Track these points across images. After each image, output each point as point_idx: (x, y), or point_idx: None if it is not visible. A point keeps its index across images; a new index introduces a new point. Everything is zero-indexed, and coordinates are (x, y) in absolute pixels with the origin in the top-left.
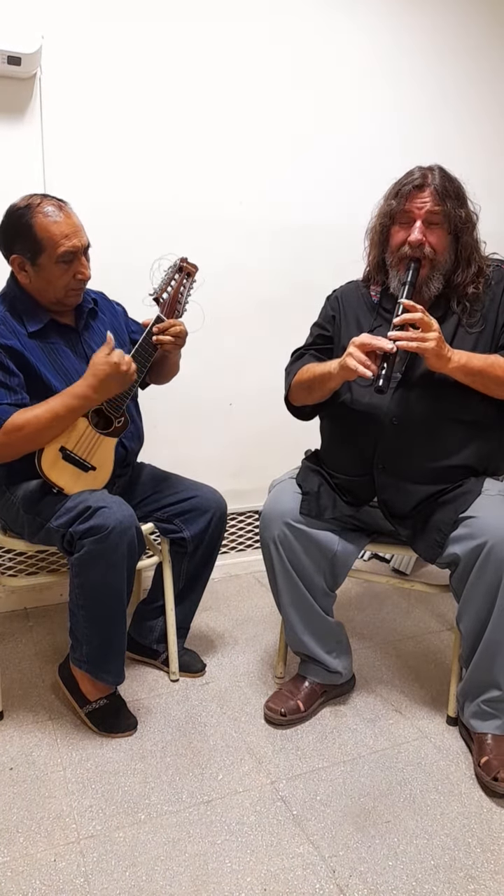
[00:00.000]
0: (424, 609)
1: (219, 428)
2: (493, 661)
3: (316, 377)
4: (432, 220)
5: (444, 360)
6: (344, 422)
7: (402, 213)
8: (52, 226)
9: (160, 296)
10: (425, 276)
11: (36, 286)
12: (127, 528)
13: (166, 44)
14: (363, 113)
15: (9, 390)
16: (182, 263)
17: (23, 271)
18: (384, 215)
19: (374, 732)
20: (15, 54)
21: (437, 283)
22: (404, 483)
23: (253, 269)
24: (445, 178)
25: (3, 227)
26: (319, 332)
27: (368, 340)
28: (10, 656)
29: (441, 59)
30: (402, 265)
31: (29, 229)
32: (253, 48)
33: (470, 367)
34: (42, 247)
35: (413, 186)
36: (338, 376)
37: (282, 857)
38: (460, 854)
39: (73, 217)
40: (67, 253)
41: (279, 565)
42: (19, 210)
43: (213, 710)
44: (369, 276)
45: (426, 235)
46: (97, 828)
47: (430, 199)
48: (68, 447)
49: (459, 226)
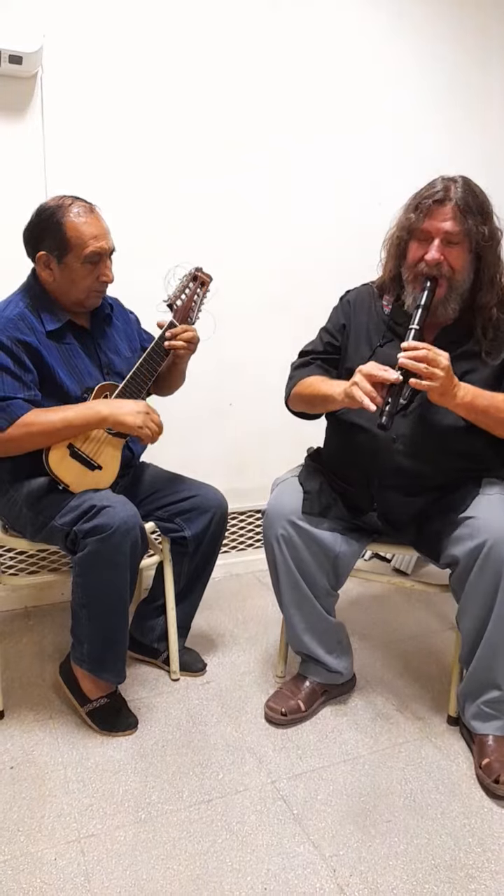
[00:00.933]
0: (425, 609)
1: (219, 427)
2: (494, 661)
3: (318, 396)
4: (452, 239)
5: (450, 396)
6: (346, 435)
7: (420, 230)
8: (81, 226)
9: (174, 302)
10: (442, 297)
11: (59, 285)
12: (131, 527)
13: (167, 42)
14: (367, 113)
15: (23, 385)
16: (197, 273)
17: (47, 269)
18: (402, 229)
19: (374, 732)
20: (16, 53)
21: (455, 304)
22: (402, 497)
23: (254, 268)
24: (469, 193)
25: (33, 224)
26: (329, 339)
27: (376, 372)
28: (11, 655)
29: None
30: (419, 283)
31: (59, 227)
32: (255, 46)
33: (475, 405)
34: (70, 246)
35: (433, 201)
36: (340, 403)
37: (282, 857)
38: (461, 854)
39: (102, 220)
40: (94, 254)
41: (282, 563)
42: (50, 209)
43: (213, 709)
44: (384, 286)
45: (445, 254)
46: (98, 826)
47: (450, 216)
48: (76, 445)
49: (482, 244)
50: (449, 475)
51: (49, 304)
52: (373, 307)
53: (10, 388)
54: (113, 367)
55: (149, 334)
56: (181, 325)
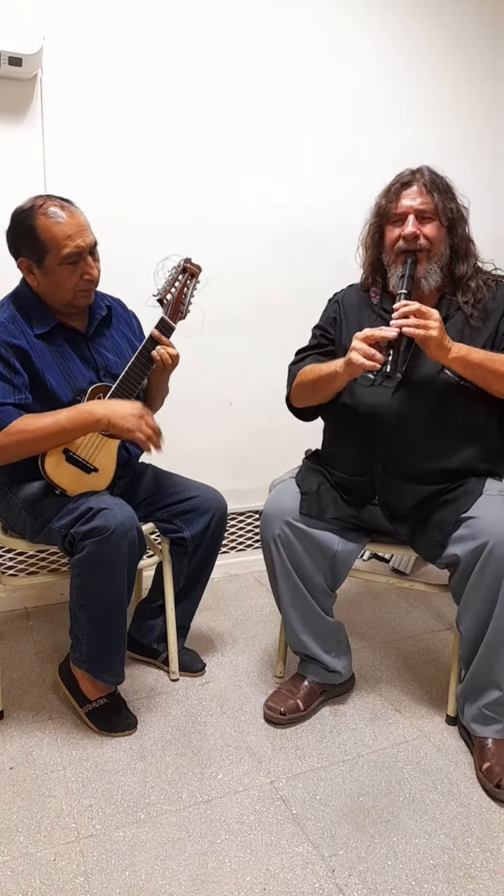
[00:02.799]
0: (424, 609)
1: (219, 428)
2: (494, 662)
3: (322, 377)
4: (424, 213)
5: (445, 350)
6: (345, 422)
7: (394, 210)
8: (54, 227)
9: (164, 297)
10: (423, 269)
11: (44, 288)
12: (128, 529)
13: (167, 44)
14: (364, 115)
15: (14, 389)
16: (186, 264)
17: (31, 274)
18: (376, 215)
19: (373, 732)
20: (16, 55)
21: (436, 276)
22: (404, 483)
23: (252, 269)
24: (433, 174)
25: (10, 229)
26: (321, 333)
27: (371, 332)
28: (10, 656)
29: (442, 60)
30: (400, 260)
31: (32, 231)
32: (253, 49)
33: (469, 359)
34: (46, 248)
35: (402, 184)
36: (344, 374)
37: (281, 857)
38: (459, 853)
39: (78, 216)
40: (72, 254)
41: (279, 565)
42: (23, 212)
43: (212, 709)
44: (366, 281)
45: (420, 228)
46: (97, 827)
47: (419, 194)
48: (72, 449)
49: (452, 218)
50: (452, 455)
51: (37, 308)
52: (361, 300)
53: (2, 393)
54: (110, 369)
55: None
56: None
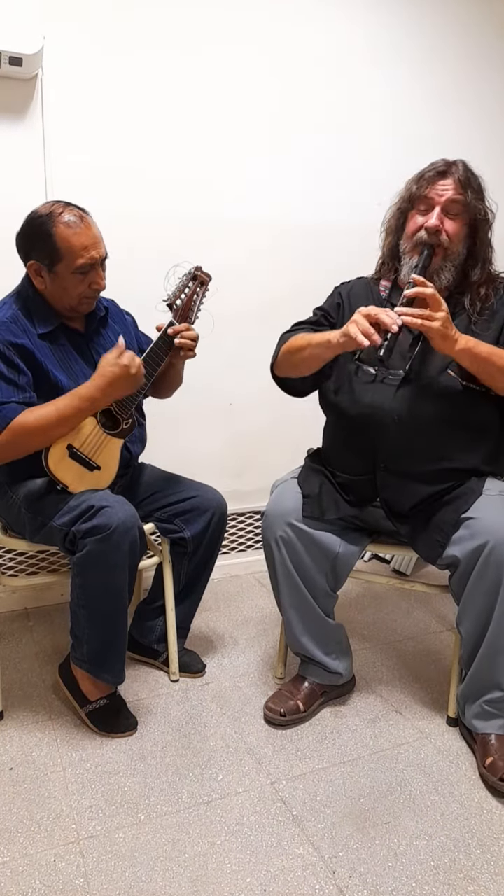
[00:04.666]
0: (424, 610)
1: (219, 428)
2: (495, 662)
3: (312, 344)
4: (452, 208)
5: (451, 341)
6: (346, 421)
7: (422, 198)
8: (72, 237)
9: (174, 302)
10: (438, 265)
11: (50, 292)
12: (129, 528)
13: (167, 45)
14: (364, 113)
15: (17, 388)
16: (196, 272)
17: (39, 276)
18: (404, 200)
19: (374, 733)
20: (16, 55)
21: (449, 275)
22: (406, 482)
23: (254, 269)
24: (468, 171)
25: (24, 232)
26: (323, 315)
27: (374, 312)
28: (10, 656)
29: (440, 56)
30: (417, 251)
31: (49, 238)
32: (252, 49)
33: (476, 351)
34: (60, 256)
35: (436, 172)
36: (337, 345)
37: (281, 858)
38: (460, 855)
39: (94, 228)
40: (85, 265)
41: (281, 566)
42: (41, 218)
43: (213, 710)
44: (382, 266)
45: (443, 223)
46: (97, 828)
47: (451, 186)
48: (75, 445)
49: (478, 219)
50: (454, 455)
51: (41, 308)
52: (370, 293)
53: (5, 392)
54: None
55: (147, 336)
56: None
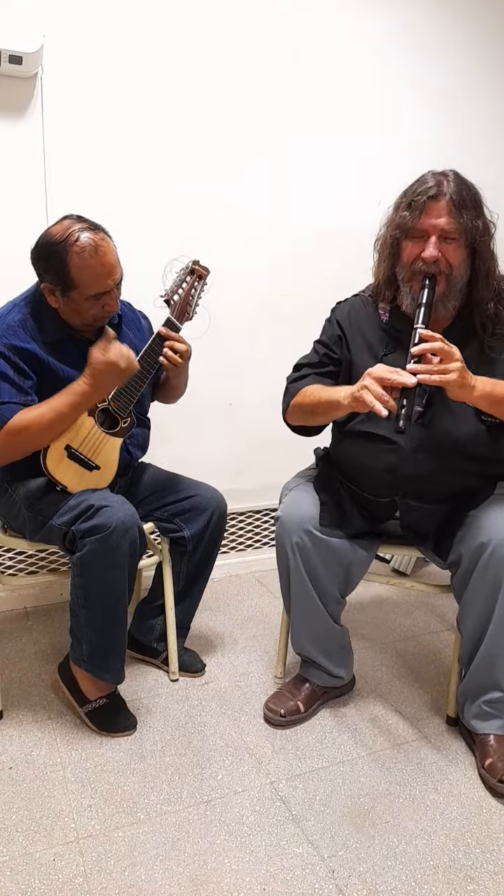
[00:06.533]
0: (424, 609)
1: (219, 428)
2: (495, 662)
3: (321, 403)
4: (448, 235)
5: (468, 389)
6: (363, 448)
7: (415, 228)
8: (85, 269)
9: (171, 297)
10: (441, 293)
11: (63, 311)
12: (129, 527)
13: (167, 43)
14: (367, 115)
15: (19, 390)
16: (194, 266)
17: (52, 296)
18: (396, 228)
19: (373, 733)
20: (16, 53)
21: (455, 301)
22: (427, 506)
23: (254, 269)
24: (461, 186)
25: (38, 254)
26: (325, 351)
27: (387, 375)
28: (10, 655)
29: (440, 56)
30: (416, 281)
31: (63, 266)
32: (255, 47)
33: (495, 395)
34: (74, 285)
35: (427, 198)
36: (347, 407)
37: (281, 857)
38: (459, 854)
39: (110, 254)
40: (99, 294)
41: (295, 572)
42: (55, 244)
43: (212, 709)
44: (378, 292)
45: (441, 250)
46: (96, 827)
47: (445, 212)
48: (74, 445)
49: (477, 238)
50: (472, 480)
51: (51, 317)
52: (370, 317)
53: (7, 393)
54: None
55: None
56: (179, 321)
